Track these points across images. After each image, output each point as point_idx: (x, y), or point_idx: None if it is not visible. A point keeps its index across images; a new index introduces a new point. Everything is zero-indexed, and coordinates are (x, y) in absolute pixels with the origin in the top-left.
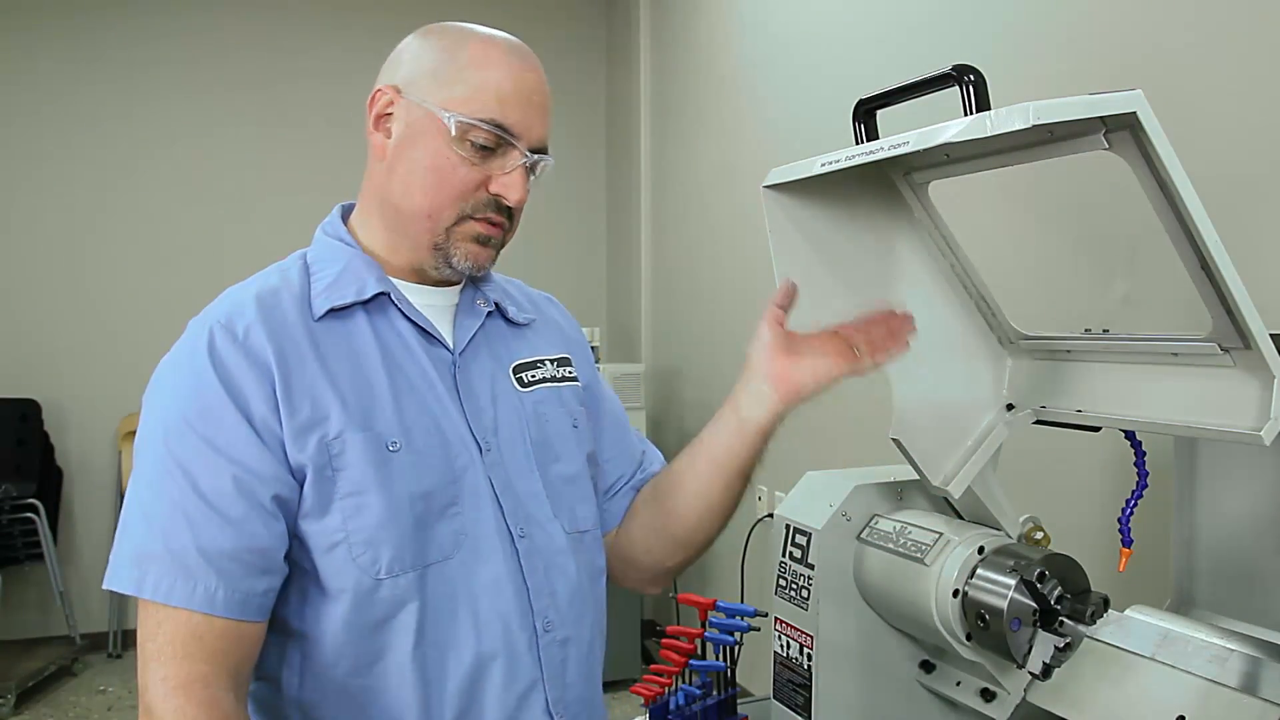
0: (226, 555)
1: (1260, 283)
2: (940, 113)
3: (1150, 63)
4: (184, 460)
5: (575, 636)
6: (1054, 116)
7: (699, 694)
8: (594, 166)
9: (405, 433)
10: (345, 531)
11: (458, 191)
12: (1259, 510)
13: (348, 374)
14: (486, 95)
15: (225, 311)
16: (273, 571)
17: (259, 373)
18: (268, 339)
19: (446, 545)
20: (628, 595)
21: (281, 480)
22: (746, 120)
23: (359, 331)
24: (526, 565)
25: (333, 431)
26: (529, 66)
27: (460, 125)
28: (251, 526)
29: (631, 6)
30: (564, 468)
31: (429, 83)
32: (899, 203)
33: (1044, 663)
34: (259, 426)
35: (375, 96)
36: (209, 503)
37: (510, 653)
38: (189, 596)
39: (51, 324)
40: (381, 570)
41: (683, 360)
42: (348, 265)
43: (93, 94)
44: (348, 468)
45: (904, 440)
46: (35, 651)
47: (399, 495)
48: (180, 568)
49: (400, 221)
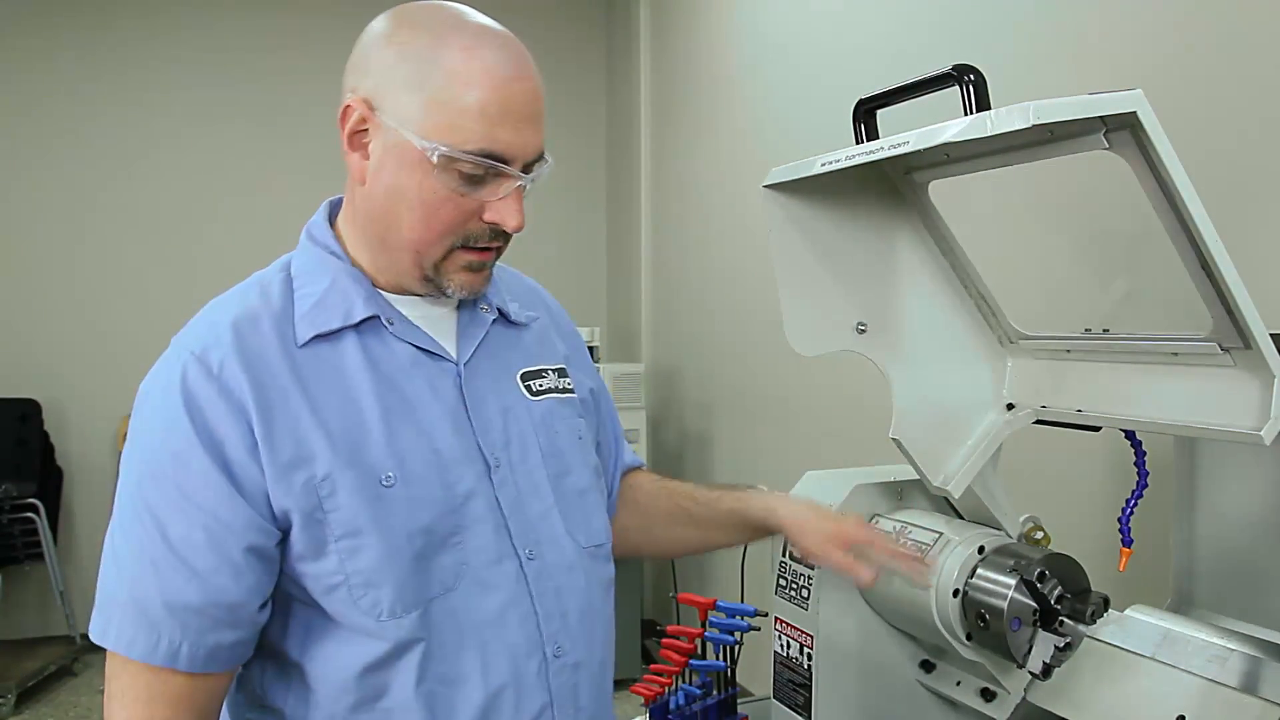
0: (192, 609)
1: (1260, 282)
2: (940, 113)
3: (1150, 62)
4: (154, 506)
5: (586, 659)
6: (1054, 116)
7: (699, 693)
8: (594, 166)
9: (400, 464)
10: (344, 574)
11: (446, 227)
12: (1259, 510)
13: (335, 405)
14: (472, 122)
15: (202, 341)
16: (241, 625)
17: (234, 412)
18: (244, 372)
19: (448, 578)
20: (628, 595)
21: (256, 528)
22: (747, 120)
23: (347, 355)
24: (535, 589)
25: (320, 472)
26: (517, 73)
27: (444, 158)
28: (220, 580)
29: (631, 7)
30: (575, 480)
31: (404, 101)
32: (899, 202)
33: (1044, 662)
34: (235, 472)
35: (346, 112)
36: (176, 553)
37: (518, 683)
38: (151, 651)
39: (51, 324)
40: (384, 612)
41: (682, 360)
42: (334, 283)
43: (93, 93)
44: (340, 509)
45: (904, 440)
46: (35, 651)
47: (396, 532)
48: (144, 619)
49: (386, 249)
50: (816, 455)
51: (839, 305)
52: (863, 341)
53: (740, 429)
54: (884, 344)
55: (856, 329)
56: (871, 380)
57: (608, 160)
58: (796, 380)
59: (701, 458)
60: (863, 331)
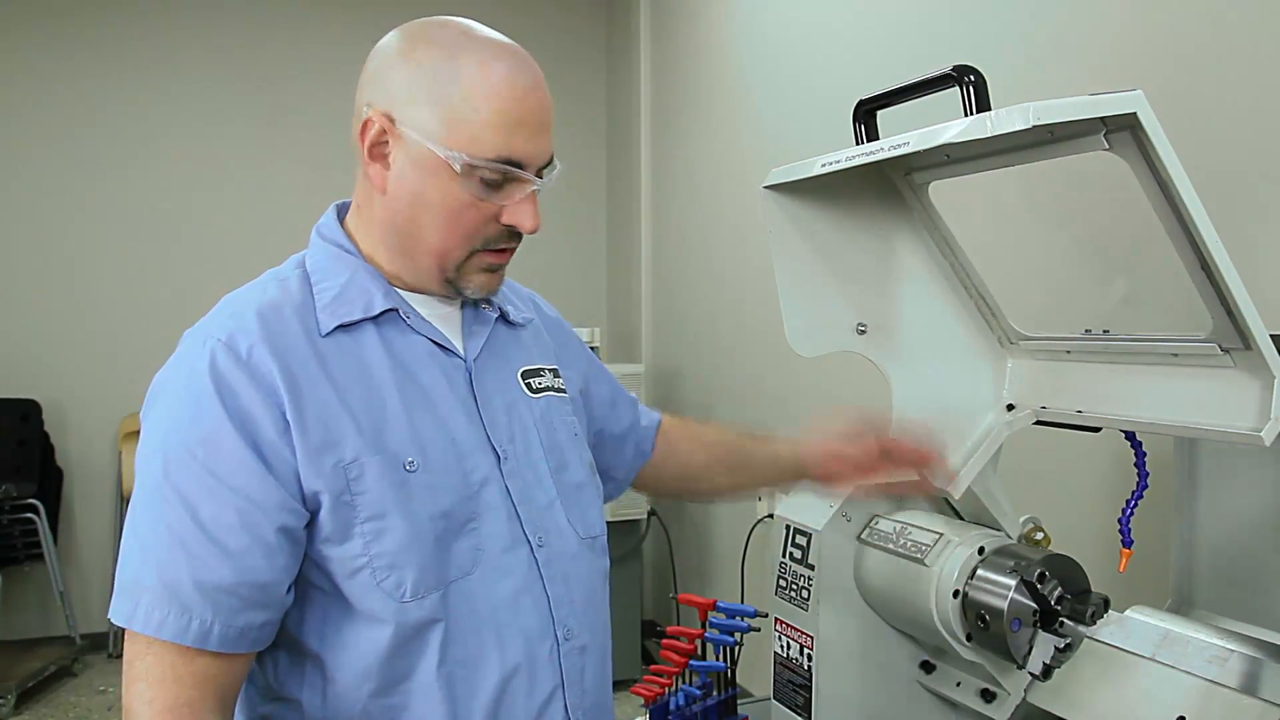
0: (224, 589)
1: (1260, 283)
2: (940, 113)
3: (1151, 63)
4: (184, 489)
5: (591, 643)
6: (1054, 117)
7: (699, 694)
8: (594, 167)
9: (421, 450)
10: (368, 556)
11: (469, 231)
12: (1259, 511)
13: (359, 392)
14: (493, 132)
15: (226, 328)
16: (271, 606)
17: (265, 395)
18: (273, 358)
19: (466, 562)
20: (628, 595)
21: (288, 510)
22: (747, 120)
23: (368, 346)
24: (546, 574)
25: (349, 455)
26: (531, 84)
27: (467, 167)
28: (252, 560)
29: (632, 8)
30: (573, 474)
31: (426, 114)
32: (899, 203)
33: (1044, 663)
34: (267, 453)
35: (365, 125)
36: (208, 534)
37: (532, 663)
38: (182, 631)
39: (52, 324)
40: (407, 593)
41: (683, 360)
42: (352, 278)
43: (92, 93)
44: (367, 491)
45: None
46: (35, 651)
47: (419, 516)
48: (174, 600)
49: (407, 254)
50: None
51: (839, 306)
52: (863, 342)
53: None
54: (884, 345)
55: (856, 329)
56: (872, 381)
57: (608, 161)
58: (796, 381)
59: None
60: (863, 332)
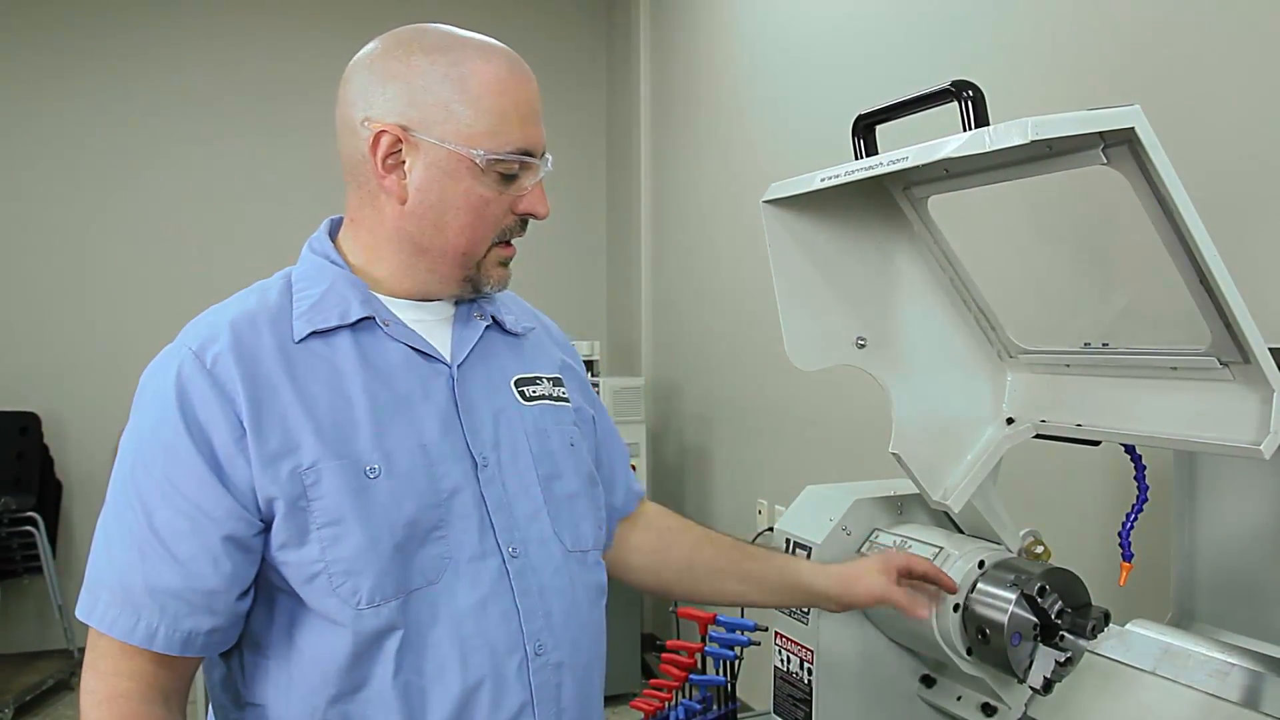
0: (172, 594)
1: (1258, 296)
2: (939, 128)
3: (1149, 77)
4: (144, 494)
5: (570, 660)
6: (1053, 132)
7: (699, 709)
8: (594, 179)
9: (385, 457)
10: (324, 562)
11: (493, 225)
12: (1259, 524)
13: (325, 398)
14: (508, 125)
15: (200, 337)
16: (219, 612)
17: (224, 404)
18: (237, 366)
19: (430, 570)
20: (627, 609)
21: (237, 518)
22: (747, 134)
23: (341, 352)
24: (518, 586)
25: (306, 461)
26: (527, 74)
27: (490, 162)
28: (199, 567)
29: (632, 19)
30: (565, 485)
31: (442, 119)
32: (898, 217)
33: (1045, 677)
34: (221, 461)
35: (376, 140)
36: (161, 539)
37: (497, 677)
38: (129, 631)
39: (52, 337)
40: (362, 600)
41: (683, 374)
42: (332, 286)
43: (93, 106)
44: (323, 497)
45: (904, 455)
46: (33, 665)
47: (378, 523)
48: (128, 601)
49: (427, 259)
50: (816, 470)
51: (839, 320)
52: (862, 356)
53: (740, 443)
54: (884, 358)
55: (856, 343)
56: (871, 395)
57: (608, 173)
58: (796, 395)
59: (701, 472)
60: (862, 346)
